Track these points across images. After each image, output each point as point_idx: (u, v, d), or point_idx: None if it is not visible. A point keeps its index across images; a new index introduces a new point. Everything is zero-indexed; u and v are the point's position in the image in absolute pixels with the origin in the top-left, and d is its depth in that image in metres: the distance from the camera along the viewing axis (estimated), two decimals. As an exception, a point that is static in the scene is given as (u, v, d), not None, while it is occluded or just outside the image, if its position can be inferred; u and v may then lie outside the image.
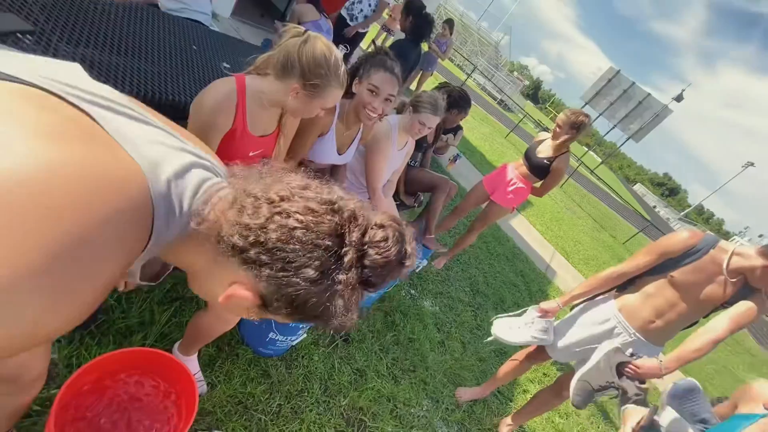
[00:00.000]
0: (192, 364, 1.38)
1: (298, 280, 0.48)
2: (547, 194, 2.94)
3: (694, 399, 1.39)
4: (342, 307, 0.51)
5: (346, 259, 0.49)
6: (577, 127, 2.52)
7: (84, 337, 1.27)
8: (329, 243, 0.48)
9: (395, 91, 1.50)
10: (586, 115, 2.56)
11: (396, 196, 2.60)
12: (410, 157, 2.58)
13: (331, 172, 1.81)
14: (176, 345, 1.39)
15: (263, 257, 0.47)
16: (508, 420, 2.16)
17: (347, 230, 0.50)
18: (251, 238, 0.47)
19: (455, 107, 2.57)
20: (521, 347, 2.12)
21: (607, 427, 2.99)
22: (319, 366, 1.77)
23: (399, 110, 2.08)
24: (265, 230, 0.47)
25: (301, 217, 0.48)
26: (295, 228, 0.47)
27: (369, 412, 1.74)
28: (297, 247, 0.47)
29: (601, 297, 1.86)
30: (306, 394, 1.63)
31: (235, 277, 0.51)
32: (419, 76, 6.59)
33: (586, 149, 20.24)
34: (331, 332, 1.93)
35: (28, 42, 1.04)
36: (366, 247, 0.51)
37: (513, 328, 1.98)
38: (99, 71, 1.20)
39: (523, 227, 6.03)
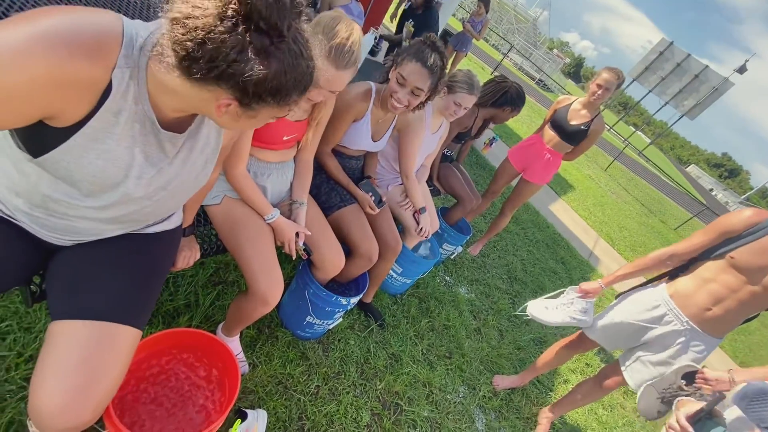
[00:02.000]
0: (234, 344, 1.44)
1: (234, 60, 0.55)
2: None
3: (764, 402, 1.27)
4: (287, 59, 0.59)
5: (241, 27, 0.54)
6: (621, 82, 2.40)
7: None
8: (225, 25, 0.54)
9: (425, 85, 1.41)
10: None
11: (429, 181, 2.56)
12: (446, 146, 2.51)
13: (364, 159, 1.80)
14: (219, 326, 1.45)
15: (200, 66, 0.56)
16: (548, 410, 2.10)
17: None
18: (181, 53, 0.55)
19: (509, 104, 2.39)
20: (561, 336, 2.04)
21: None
22: (355, 350, 1.79)
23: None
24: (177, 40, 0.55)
25: (191, 21, 0.53)
26: (196, 28, 0.53)
27: (405, 397, 1.75)
28: (209, 46, 0.54)
29: (650, 284, 1.75)
30: (343, 376, 1.66)
31: (211, 96, 0.61)
32: (453, 57, 6.39)
33: (634, 129, 18.97)
34: (367, 317, 1.95)
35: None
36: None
37: (549, 308, 1.90)
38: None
39: (564, 212, 5.78)
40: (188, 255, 1.09)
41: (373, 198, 1.65)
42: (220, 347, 1.14)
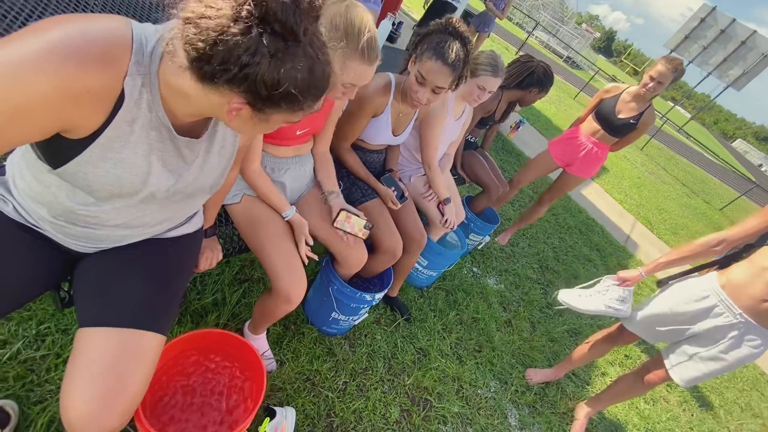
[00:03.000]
0: (261, 342, 1.44)
1: (247, 63, 0.53)
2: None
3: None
4: (302, 63, 0.56)
5: (254, 31, 0.52)
6: (679, 74, 2.19)
7: (166, 317, 1.38)
8: (239, 27, 0.51)
9: (446, 82, 1.31)
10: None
11: (453, 169, 2.48)
12: (470, 132, 2.42)
13: (386, 152, 1.74)
14: (246, 324, 1.46)
15: (212, 67, 0.54)
16: (585, 405, 2.01)
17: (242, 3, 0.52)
18: (192, 54, 0.53)
19: (536, 85, 2.25)
20: (598, 328, 1.94)
21: (703, 414, 2.69)
22: (382, 345, 1.77)
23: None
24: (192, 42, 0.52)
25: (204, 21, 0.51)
26: (208, 28, 0.51)
27: (434, 392, 1.72)
28: (221, 47, 0.52)
29: (696, 272, 1.62)
30: (370, 372, 1.65)
31: (222, 99, 0.59)
32: (475, 38, 6.16)
33: (672, 104, 17.83)
34: (393, 312, 1.92)
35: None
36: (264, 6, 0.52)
37: (583, 296, 1.81)
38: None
39: (597, 196, 5.52)
40: (210, 256, 1.09)
41: (396, 192, 1.61)
42: (245, 347, 1.13)
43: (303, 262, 1.23)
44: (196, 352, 1.13)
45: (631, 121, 2.32)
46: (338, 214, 1.29)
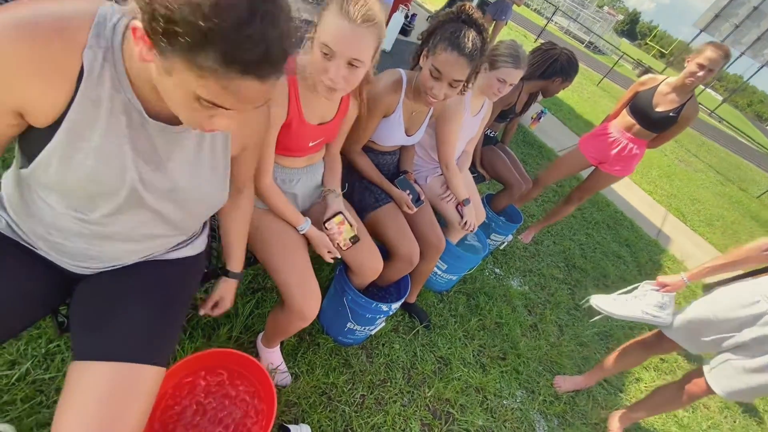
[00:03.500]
0: (275, 356, 1.39)
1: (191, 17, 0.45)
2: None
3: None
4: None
5: None
6: (726, 62, 1.99)
7: (177, 331, 1.34)
8: None
9: (464, 74, 1.20)
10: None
11: (473, 167, 2.36)
12: (489, 126, 2.29)
13: (400, 152, 1.65)
14: (259, 337, 1.41)
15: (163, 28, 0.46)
16: (619, 414, 1.89)
17: None
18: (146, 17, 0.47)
19: (560, 74, 2.09)
20: (630, 330, 1.80)
21: (746, 421, 2.51)
22: (401, 354, 1.69)
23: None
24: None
25: None
26: None
27: (456, 404, 1.63)
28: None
29: (749, 276, 1.47)
30: (389, 384, 1.57)
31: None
32: (492, 26, 5.95)
33: (703, 87, 16.96)
34: (412, 319, 1.84)
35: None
36: None
37: (619, 301, 1.69)
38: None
39: (625, 188, 5.26)
40: (218, 301, 1.04)
41: (411, 195, 1.52)
42: (252, 364, 1.08)
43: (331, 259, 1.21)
44: (205, 371, 1.08)
45: (671, 114, 2.13)
46: (335, 216, 1.22)
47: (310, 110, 1.06)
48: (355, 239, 1.25)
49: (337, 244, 1.23)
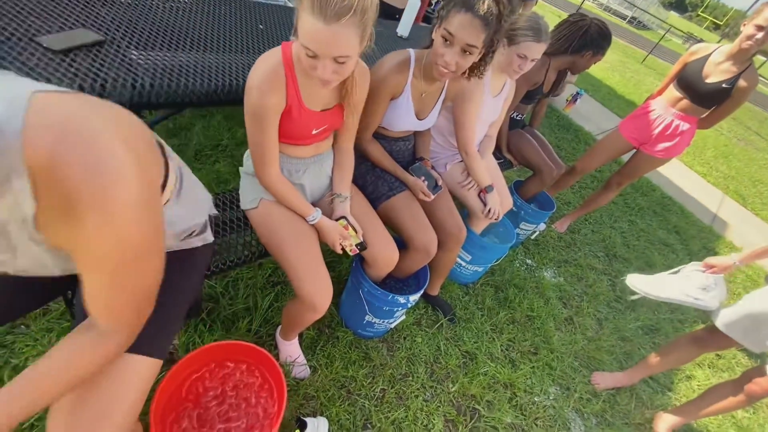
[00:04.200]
0: (293, 348, 1.39)
1: None
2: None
3: None
4: None
5: None
6: None
7: (198, 324, 1.37)
8: None
9: (478, 39, 1.09)
10: None
11: (498, 152, 2.25)
12: (514, 108, 2.17)
13: (414, 138, 1.59)
14: (278, 330, 1.41)
15: None
16: (667, 415, 1.73)
17: None
18: None
19: (590, 47, 1.91)
20: (679, 323, 1.64)
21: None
22: (424, 348, 1.64)
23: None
24: None
25: None
26: None
27: (483, 401, 1.56)
28: None
29: None
30: (410, 378, 1.53)
31: None
32: (522, 6, 5.66)
33: (765, 59, 15.33)
34: (435, 312, 1.78)
35: (98, 53, 1.08)
36: None
37: (657, 280, 1.54)
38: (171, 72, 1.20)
39: (674, 170, 4.86)
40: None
41: (427, 182, 1.45)
42: (264, 357, 1.07)
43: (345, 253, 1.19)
44: (218, 363, 1.08)
45: (724, 85, 1.89)
46: (338, 220, 1.19)
47: (310, 96, 1.03)
48: (361, 246, 1.21)
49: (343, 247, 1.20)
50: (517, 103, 2.10)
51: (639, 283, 1.56)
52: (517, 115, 2.25)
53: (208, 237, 0.91)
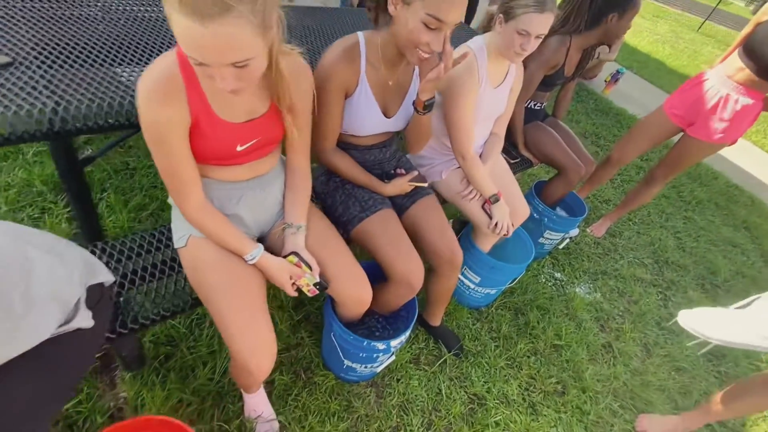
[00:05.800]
0: (256, 400, 1.18)
1: None
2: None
3: None
4: None
5: None
6: None
7: (150, 375, 1.20)
8: None
9: (461, 13, 0.87)
10: None
11: (514, 150, 1.92)
12: (530, 97, 1.83)
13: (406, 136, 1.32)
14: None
15: None
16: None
17: None
18: None
19: (613, 9, 1.56)
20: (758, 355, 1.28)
21: None
22: (420, 393, 1.38)
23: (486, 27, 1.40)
24: None
25: None
26: None
27: (493, 460, 1.28)
28: None
29: None
30: (403, 432, 1.28)
31: None
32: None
33: None
34: (437, 345, 1.51)
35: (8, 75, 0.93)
36: None
37: (720, 319, 1.22)
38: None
39: (740, 152, 4.17)
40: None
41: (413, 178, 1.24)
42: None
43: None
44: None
45: None
46: (286, 256, 0.95)
47: (224, 104, 0.80)
48: (320, 286, 0.97)
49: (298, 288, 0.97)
50: (533, 91, 1.77)
51: (696, 323, 1.21)
52: (535, 105, 1.91)
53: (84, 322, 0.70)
